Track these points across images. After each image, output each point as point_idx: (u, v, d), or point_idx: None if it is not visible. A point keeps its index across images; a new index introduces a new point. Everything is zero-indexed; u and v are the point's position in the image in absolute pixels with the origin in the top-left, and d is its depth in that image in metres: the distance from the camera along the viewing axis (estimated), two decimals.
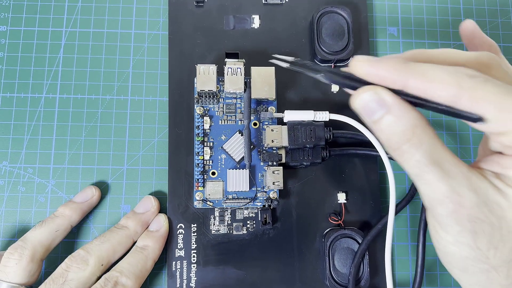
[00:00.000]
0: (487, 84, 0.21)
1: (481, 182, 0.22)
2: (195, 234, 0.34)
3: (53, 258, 0.34)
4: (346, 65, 0.37)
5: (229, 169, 0.33)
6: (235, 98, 0.35)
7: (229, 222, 0.35)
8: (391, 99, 0.22)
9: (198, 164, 0.34)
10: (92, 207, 0.35)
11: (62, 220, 0.32)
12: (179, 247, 0.34)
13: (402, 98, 0.22)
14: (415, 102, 0.23)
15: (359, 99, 0.23)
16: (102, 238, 0.32)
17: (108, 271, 0.31)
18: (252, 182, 0.34)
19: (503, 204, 0.22)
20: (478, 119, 0.21)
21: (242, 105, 0.35)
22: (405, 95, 0.23)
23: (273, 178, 0.33)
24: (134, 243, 0.33)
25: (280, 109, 0.36)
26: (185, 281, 0.34)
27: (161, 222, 0.34)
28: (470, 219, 0.22)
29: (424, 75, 0.22)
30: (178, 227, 0.34)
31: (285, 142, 0.33)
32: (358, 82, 0.24)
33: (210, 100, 0.35)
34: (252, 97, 0.34)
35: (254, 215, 0.35)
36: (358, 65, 0.23)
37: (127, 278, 0.30)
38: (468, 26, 0.28)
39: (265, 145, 0.34)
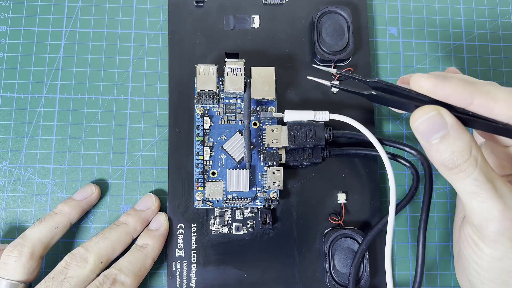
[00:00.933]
0: None
1: None
2: (195, 234, 0.34)
3: (53, 258, 0.34)
4: (346, 65, 0.37)
5: (229, 169, 0.33)
6: (235, 98, 0.35)
7: (229, 222, 0.35)
8: (451, 119, 0.23)
9: (198, 164, 0.34)
10: (91, 205, 0.35)
11: (61, 218, 0.32)
12: (179, 247, 0.34)
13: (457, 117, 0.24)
14: (465, 121, 0.24)
15: (421, 120, 0.24)
16: (101, 235, 0.32)
17: (107, 269, 0.31)
18: (252, 182, 0.34)
19: None
20: None
21: (242, 105, 0.35)
22: (460, 113, 0.24)
23: (273, 178, 0.33)
24: (134, 240, 0.33)
25: (280, 109, 0.36)
26: (185, 281, 0.34)
27: (161, 221, 0.34)
28: None
29: (489, 95, 0.23)
30: (178, 227, 0.34)
31: (285, 142, 0.33)
32: (413, 100, 0.24)
33: (210, 100, 0.35)
34: (252, 97, 0.34)
35: (254, 215, 0.35)
36: (422, 81, 0.24)
37: (126, 276, 0.30)
38: (404, 80, 0.29)
39: (265, 145, 0.34)
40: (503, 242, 0.23)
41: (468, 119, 0.24)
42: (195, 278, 0.34)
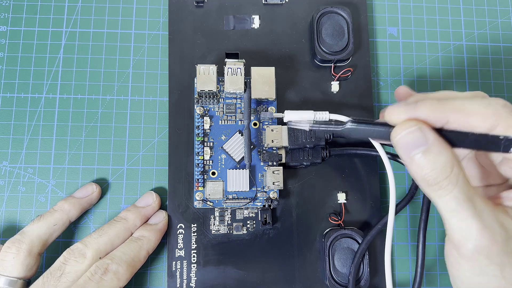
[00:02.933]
0: None
1: (505, 218, 0.24)
2: (195, 234, 0.34)
3: (53, 258, 0.34)
4: (346, 65, 0.37)
5: (229, 169, 0.33)
6: (235, 98, 0.35)
7: (229, 222, 0.35)
8: (432, 136, 0.23)
9: (198, 164, 0.34)
10: (92, 204, 0.35)
11: (60, 215, 0.32)
12: (179, 247, 0.34)
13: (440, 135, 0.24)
14: (450, 139, 0.24)
15: (402, 135, 0.24)
16: (100, 231, 0.32)
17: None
18: (252, 182, 0.34)
19: None
20: (509, 146, 0.23)
21: (242, 105, 0.35)
22: (441, 131, 0.24)
23: (273, 178, 0.33)
24: None
25: (280, 109, 0.36)
26: (185, 281, 0.34)
27: (160, 217, 0.34)
28: (500, 253, 0.23)
29: (463, 110, 0.23)
30: (178, 227, 0.34)
31: (285, 142, 0.33)
32: (385, 126, 0.25)
33: (210, 100, 0.35)
34: (252, 97, 0.34)
35: (254, 215, 0.35)
36: (395, 114, 0.24)
37: (118, 265, 0.30)
38: (400, 92, 0.29)
39: (265, 145, 0.34)
40: (480, 260, 0.23)
41: (456, 138, 0.24)
42: (195, 278, 0.34)
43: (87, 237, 0.32)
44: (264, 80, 0.34)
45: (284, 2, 0.38)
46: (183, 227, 0.34)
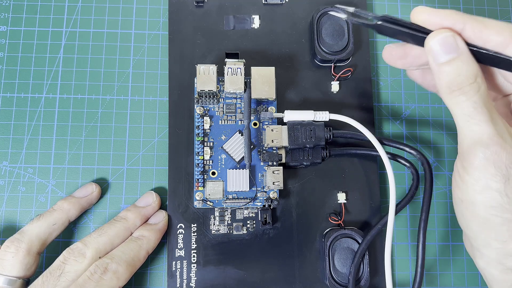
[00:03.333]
0: None
1: None
2: (195, 234, 0.34)
3: (53, 258, 0.34)
4: (346, 65, 0.37)
5: (229, 169, 0.33)
6: (235, 98, 0.35)
7: (229, 222, 0.35)
8: (463, 45, 0.25)
9: (198, 164, 0.34)
10: (91, 204, 0.35)
11: (60, 214, 0.32)
12: (179, 247, 0.34)
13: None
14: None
15: (437, 39, 0.25)
16: (100, 230, 0.32)
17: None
18: (252, 182, 0.34)
19: None
20: None
21: (242, 105, 0.35)
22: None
23: (273, 178, 0.33)
24: None
25: (280, 109, 0.36)
26: (185, 281, 0.34)
27: (160, 217, 0.34)
28: (507, 162, 0.24)
29: (481, 22, 0.25)
30: (178, 227, 0.34)
31: (285, 142, 0.33)
32: (418, 31, 0.26)
33: (210, 100, 0.35)
34: (252, 97, 0.34)
35: (254, 215, 0.35)
36: (419, 12, 0.26)
37: (118, 265, 0.30)
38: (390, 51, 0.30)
39: (265, 145, 0.34)
40: (487, 168, 0.24)
41: (477, 53, 0.25)
42: (195, 278, 0.34)
43: (87, 236, 0.32)
44: (264, 80, 0.34)
45: (284, 2, 0.38)
46: (183, 227, 0.34)
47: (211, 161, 0.34)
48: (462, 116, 0.25)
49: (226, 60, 0.34)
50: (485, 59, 0.25)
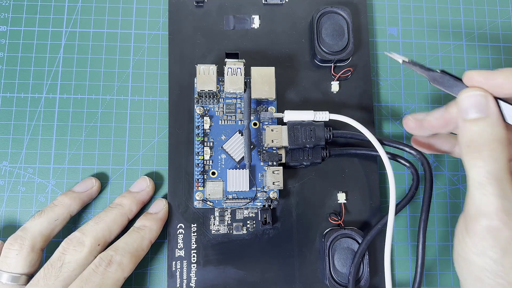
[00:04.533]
0: None
1: None
2: (195, 234, 0.34)
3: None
4: (345, 65, 0.37)
5: (229, 169, 0.33)
6: (235, 98, 0.35)
7: (229, 222, 0.35)
8: (494, 107, 0.25)
9: (198, 164, 0.34)
10: (92, 198, 0.35)
11: (61, 209, 0.32)
12: (179, 247, 0.34)
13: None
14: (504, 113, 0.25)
15: (469, 95, 0.25)
16: (96, 218, 0.32)
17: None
18: (252, 182, 0.34)
19: None
20: None
21: (242, 105, 0.35)
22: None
23: (273, 178, 0.33)
24: (131, 222, 0.33)
25: (280, 109, 0.36)
26: (185, 281, 0.34)
27: (161, 206, 0.34)
28: (509, 240, 0.23)
29: None
30: (178, 227, 0.34)
31: (285, 142, 0.33)
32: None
33: (210, 100, 0.35)
34: (252, 97, 0.34)
35: (254, 215, 0.35)
36: (475, 75, 0.26)
37: (122, 256, 0.30)
38: (409, 124, 0.31)
39: (265, 145, 0.34)
40: (486, 239, 0.24)
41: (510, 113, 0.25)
42: (195, 278, 0.34)
43: (84, 225, 0.32)
44: (264, 80, 0.34)
45: (284, 2, 0.38)
46: (183, 227, 0.34)
47: (211, 161, 0.34)
48: (474, 181, 0.25)
49: (226, 60, 0.34)
50: None
